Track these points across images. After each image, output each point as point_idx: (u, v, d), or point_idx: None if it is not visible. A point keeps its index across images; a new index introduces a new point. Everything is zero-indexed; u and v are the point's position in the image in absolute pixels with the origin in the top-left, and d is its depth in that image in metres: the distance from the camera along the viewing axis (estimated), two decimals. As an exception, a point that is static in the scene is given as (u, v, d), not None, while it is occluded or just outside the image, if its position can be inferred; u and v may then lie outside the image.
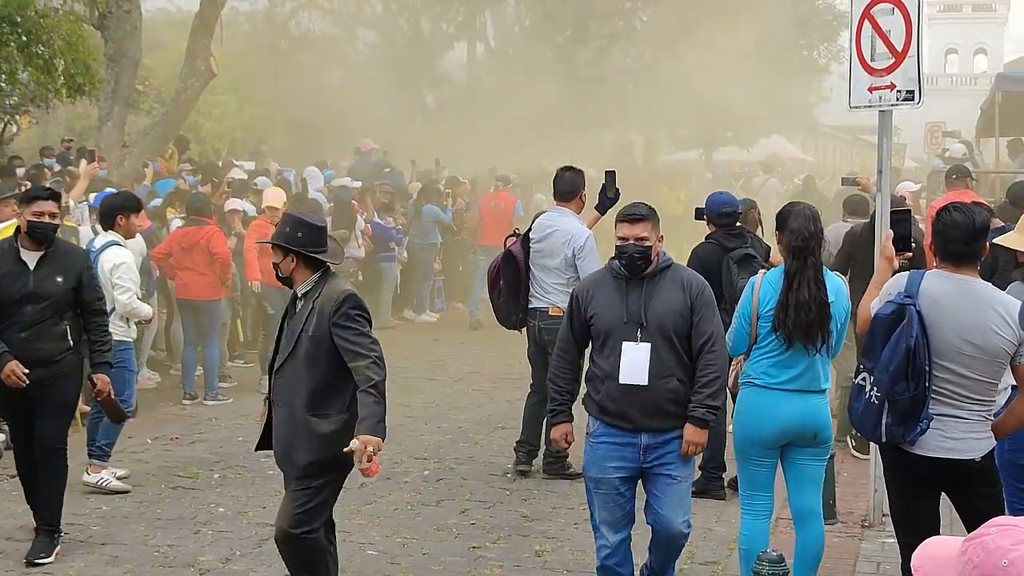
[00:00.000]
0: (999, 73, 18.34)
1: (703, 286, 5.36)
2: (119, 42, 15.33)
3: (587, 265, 7.99)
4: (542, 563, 6.59)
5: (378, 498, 7.87)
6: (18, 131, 17.78)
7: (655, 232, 5.33)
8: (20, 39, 13.57)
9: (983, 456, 4.81)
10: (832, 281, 5.62)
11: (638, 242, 5.27)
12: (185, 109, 16.97)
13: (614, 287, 5.36)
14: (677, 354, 5.27)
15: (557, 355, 5.57)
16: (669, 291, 5.31)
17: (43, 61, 13.74)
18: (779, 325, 5.50)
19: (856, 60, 7.11)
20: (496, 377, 12.07)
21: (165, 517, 7.40)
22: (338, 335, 5.07)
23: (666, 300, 5.29)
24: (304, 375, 5.16)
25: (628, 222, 5.30)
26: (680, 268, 5.50)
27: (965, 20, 70.85)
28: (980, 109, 19.04)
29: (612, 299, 5.33)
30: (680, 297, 5.29)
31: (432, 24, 29.35)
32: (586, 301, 5.40)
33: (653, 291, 5.30)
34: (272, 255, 5.47)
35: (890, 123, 7.23)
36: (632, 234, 5.27)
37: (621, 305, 5.30)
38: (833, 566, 6.38)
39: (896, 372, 4.71)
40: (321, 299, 5.16)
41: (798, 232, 5.54)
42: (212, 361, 11.10)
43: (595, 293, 5.40)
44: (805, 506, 5.67)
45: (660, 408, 5.24)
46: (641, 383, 5.20)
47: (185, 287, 11.02)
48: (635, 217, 5.30)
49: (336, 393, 5.16)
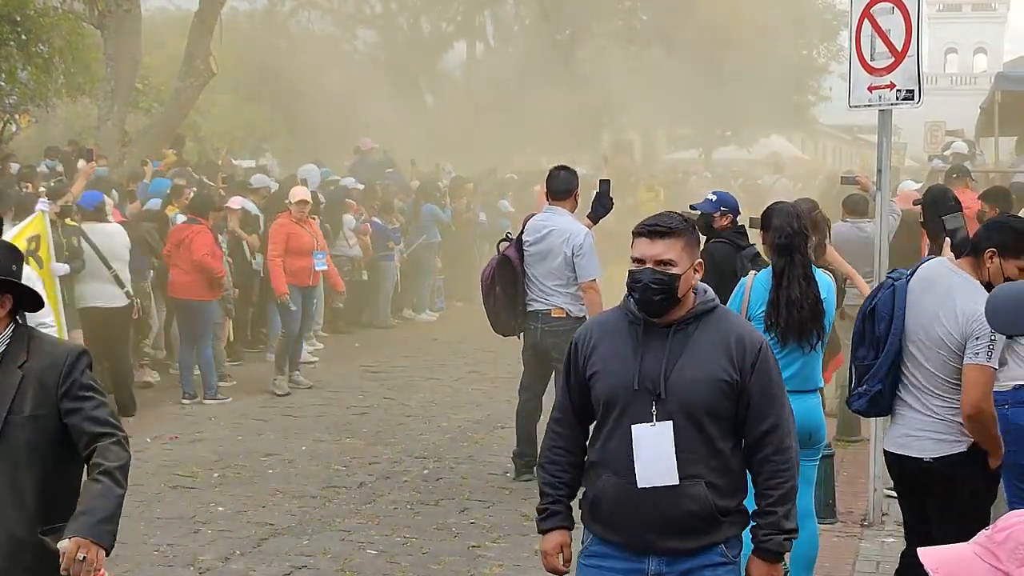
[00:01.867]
0: (999, 72, 18.30)
1: (760, 345, 3.63)
2: (119, 41, 15.34)
3: (586, 264, 7.91)
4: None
5: (378, 497, 7.87)
6: (17, 130, 17.79)
7: (689, 255, 3.62)
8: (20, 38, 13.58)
9: (935, 458, 4.72)
10: (822, 279, 5.60)
11: (659, 267, 3.56)
12: (184, 108, 16.97)
13: (627, 335, 3.65)
14: (708, 442, 3.58)
15: (550, 429, 3.86)
16: (708, 348, 3.60)
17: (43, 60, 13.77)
18: (772, 325, 5.46)
19: (856, 59, 7.10)
20: (496, 377, 12.07)
21: (164, 516, 7.39)
22: (74, 410, 3.60)
23: (701, 361, 3.58)
24: (22, 477, 3.58)
25: (647, 236, 3.61)
26: (729, 316, 3.78)
27: (965, 20, 70.83)
28: (980, 108, 19.03)
29: (621, 353, 3.64)
30: (723, 359, 3.58)
31: (432, 24, 29.35)
32: (587, 350, 3.72)
33: (683, 346, 3.60)
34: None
35: (890, 122, 7.23)
36: (651, 254, 3.58)
37: (632, 363, 3.59)
38: (833, 566, 6.38)
39: (856, 337, 4.96)
40: (35, 363, 3.61)
41: (781, 229, 5.52)
42: (206, 361, 11.02)
43: (600, 341, 3.70)
44: (798, 506, 5.64)
45: (678, 522, 3.55)
46: (666, 483, 3.54)
47: (174, 285, 11.01)
48: (658, 230, 3.60)
49: (74, 494, 3.68)
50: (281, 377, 11.39)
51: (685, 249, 3.62)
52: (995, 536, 2.10)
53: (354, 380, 12.25)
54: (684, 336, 3.63)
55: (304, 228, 11.57)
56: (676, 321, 3.63)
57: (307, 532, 7.07)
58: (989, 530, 2.12)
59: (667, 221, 3.65)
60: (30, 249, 9.21)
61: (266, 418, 10.35)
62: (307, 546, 6.81)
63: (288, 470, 8.55)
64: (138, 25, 15.81)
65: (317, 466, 8.65)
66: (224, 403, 10.86)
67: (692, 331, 3.63)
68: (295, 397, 11.22)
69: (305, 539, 6.94)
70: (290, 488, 8.04)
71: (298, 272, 11.46)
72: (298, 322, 11.56)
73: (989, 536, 2.11)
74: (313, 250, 11.56)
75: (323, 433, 9.73)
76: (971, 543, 2.13)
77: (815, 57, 33.82)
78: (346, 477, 8.37)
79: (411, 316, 16.87)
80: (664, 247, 3.59)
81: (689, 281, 3.63)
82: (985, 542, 2.10)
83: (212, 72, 16.58)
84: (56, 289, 9.44)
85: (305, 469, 8.57)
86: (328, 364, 13.10)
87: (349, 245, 14.85)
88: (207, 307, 11.03)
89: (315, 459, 8.85)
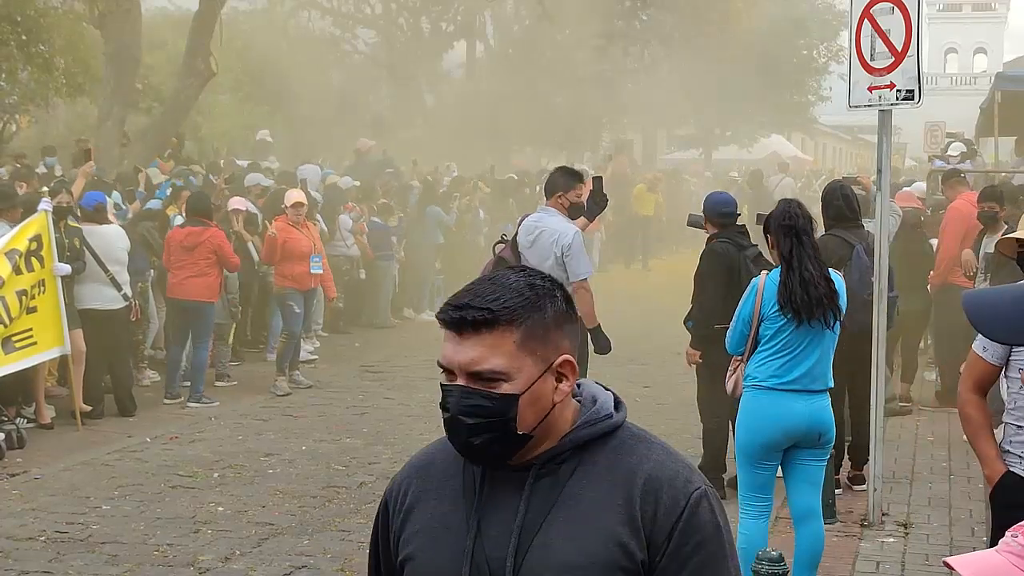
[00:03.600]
0: (999, 73, 18.31)
1: (689, 495, 2.07)
2: (119, 41, 15.34)
3: (575, 263, 7.71)
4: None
5: (378, 497, 7.84)
6: (17, 130, 17.80)
7: (541, 353, 2.10)
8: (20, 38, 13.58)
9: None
10: (832, 275, 5.61)
11: (475, 383, 2.09)
12: (184, 108, 16.97)
13: (459, 488, 2.18)
14: None
15: None
16: (592, 506, 2.09)
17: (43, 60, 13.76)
18: (786, 304, 5.41)
19: (856, 59, 7.10)
20: (496, 376, 12.05)
21: (164, 516, 7.39)
22: None
23: (579, 530, 2.08)
24: None
25: (453, 329, 2.14)
26: (638, 443, 2.16)
27: (965, 20, 70.82)
28: (980, 109, 19.04)
29: (448, 520, 2.16)
30: (618, 524, 2.07)
31: (432, 24, 29.36)
32: (399, 516, 2.24)
33: (549, 503, 2.11)
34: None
35: (890, 123, 7.23)
36: (460, 362, 2.11)
37: (463, 537, 2.12)
38: (833, 565, 6.38)
39: None
40: None
41: (783, 213, 5.54)
42: (201, 363, 10.93)
43: (418, 500, 2.21)
44: (805, 506, 5.65)
45: None
46: None
47: (179, 287, 10.76)
48: (469, 319, 2.10)
49: None
50: (282, 378, 11.39)
51: (530, 343, 2.05)
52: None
53: (354, 380, 12.25)
54: (552, 485, 2.09)
55: (301, 231, 11.57)
56: (538, 460, 2.10)
57: (307, 532, 7.07)
58: (1019, 535, 2.00)
59: (489, 297, 2.06)
60: (31, 249, 9.22)
61: (266, 418, 10.35)
62: (307, 546, 6.81)
63: (288, 470, 8.55)
64: (138, 25, 15.82)
65: (317, 466, 8.65)
66: (211, 406, 10.68)
67: (566, 476, 2.09)
68: (295, 397, 11.22)
69: (305, 539, 6.94)
70: (290, 488, 8.04)
71: (298, 276, 11.46)
72: (300, 323, 11.57)
73: (1022, 542, 1.99)
74: (311, 254, 11.56)
75: (323, 433, 9.73)
76: (999, 549, 2.02)
77: (815, 57, 33.85)
78: (346, 477, 8.37)
79: (411, 316, 16.87)
80: (482, 349, 2.04)
81: (546, 399, 2.07)
82: (1018, 549, 1.99)
83: (212, 72, 16.59)
84: (58, 289, 9.46)
85: (305, 469, 8.57)
86: (328, 364, 13.10)
87: (347, 245, 14.87)
88: (211, 309, 11.00)
89: (315, 459, 8.85)
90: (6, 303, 8.94)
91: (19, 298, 9.05)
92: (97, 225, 10.17)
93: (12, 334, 8.99)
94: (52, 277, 9.40)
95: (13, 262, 9.00)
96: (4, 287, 8.91)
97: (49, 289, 9.39)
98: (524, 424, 2.07)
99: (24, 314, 9.11)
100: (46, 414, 9.69)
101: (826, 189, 8.23)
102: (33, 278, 9.20)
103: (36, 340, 9.21)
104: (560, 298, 2.13)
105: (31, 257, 9.21)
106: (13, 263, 9.00)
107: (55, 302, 9.43)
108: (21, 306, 9.07)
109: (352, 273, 15.04)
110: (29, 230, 9.26)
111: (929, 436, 9.59)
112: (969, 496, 7.75)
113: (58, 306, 9.44)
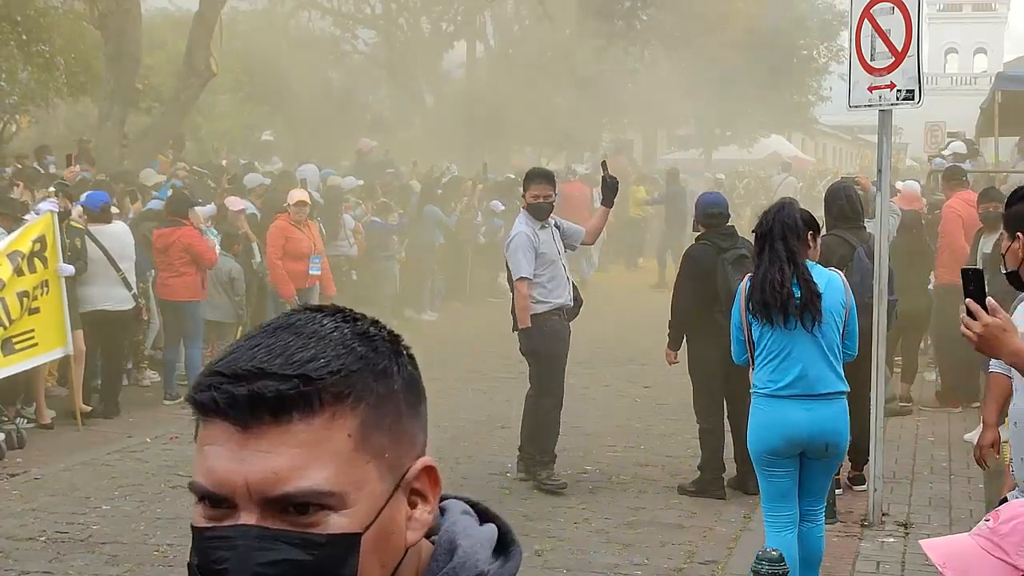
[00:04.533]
0: (999, 73, 18.31)
1: None
2: (119, 41, 15.35)
3: (513, 263, 7.93)
4: (542, 563, 6.57)
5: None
6: (17, 130, 17.80)
7: (392, 447, 1.21)
8: (20, 38, 13.58)
9: None
10: (821, 273, 5.49)
11: (271, 517, 1.19)
12: (184, 108, 16.98)
13: None
14: None
15: None
16: None
17: (43, 60, 13.76)
18: (748, 306, 5.42)
19: (856, 59, 7.10)
20: (496, 377, 12.07)
21: (165, 516, 7.39)
22: None
23: None
24: None
25: (235, 423, 1.20)
26: None
27: (965, 20, 70.79)
28: (980, 109, 19.04)
29: None
30: None
31: (432, 24, 29.35)
32: None
33: None
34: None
35: (890, 123, 7.23)
36: (246, 479, 1.23)
37: None
38: (833, 565, 6.38)
39: None
40: None
41: (760, 221, 5.50)
42: (194, 362, 10.91)
43: None
44: (806, 507, 5.64)
45: None
46: None
47: (164, 287, 10.94)
48: (250, 404, 1.16)
49: None
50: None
51: (374, 437, 1.19)
52: (999, 528, 1.94)
53: (354, 380, 12.21)
54: None
55: (302, 231, 11.55)
56: None
57: (307, 532, 7.06)
58: (991, 521, 1.96)
59: (298, 356, 1.17)
60: (35, 250, 9.22)
61: (266, 418, 10.33)
62: (307, 546, 6.80)
63: (288, 470, 8.53)
64: (138, 25, 15.82)
65: (317, 466, 8.63)
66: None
67: None
68: (295, 397, 11.19)
69: (305, 539, 6.93)
70: (290, 488, 8.02)
71: (294, 275, 11.51)
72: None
73: (993, 528, 1.95)
74: (310, 254, 11.55)
75: (323, 433, 9.71)
76: (972, 535, 1.98)
77: (815, 57, 33.84)
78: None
79: (411, 316, 16.86)
80: (293, 454, 1.17)
81: (397, 539, 1.22)
82: (989, 535, 1.95)
83: (212, 72, 16.58)
84: (61, 290, 9.46)
85: (305, 469, 8.55)
86: (328, 364, 13.05)
87: (350, 244, 14.86)
88: (197, 307, 11.01)
89: (315, 459, 8.83)
90: (6, 304, 8.93)
91: (20, 299, 9.04)
92: (105, 224, 10.21)
93: (12, 335, 9.00)
94: (56, 278, 9.40)
95: (15, 264, 9.00)
96: (5, 289, 8.91)
97: (52, 290, 9.39)
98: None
99: (26, 315, 9.10)
100: (46, 414, 9.69)
101: (829, 189, 8.31)
102: (36, 279, 9.20)
103: (37, 341, 9.21)
104: (406, 356, 1.27)
105: (34, 258, 9.21)
106: (15, 265, 8.99)
107: (58, 303, 9.43)
108: (22, 307, 9.06)
109: (350, 273, 15.03)
110: (33, 231, 9.26)
111: (929, 436, 9.59)
112: (969, 496, 7.75)
113: (61, 307, 9.44)
